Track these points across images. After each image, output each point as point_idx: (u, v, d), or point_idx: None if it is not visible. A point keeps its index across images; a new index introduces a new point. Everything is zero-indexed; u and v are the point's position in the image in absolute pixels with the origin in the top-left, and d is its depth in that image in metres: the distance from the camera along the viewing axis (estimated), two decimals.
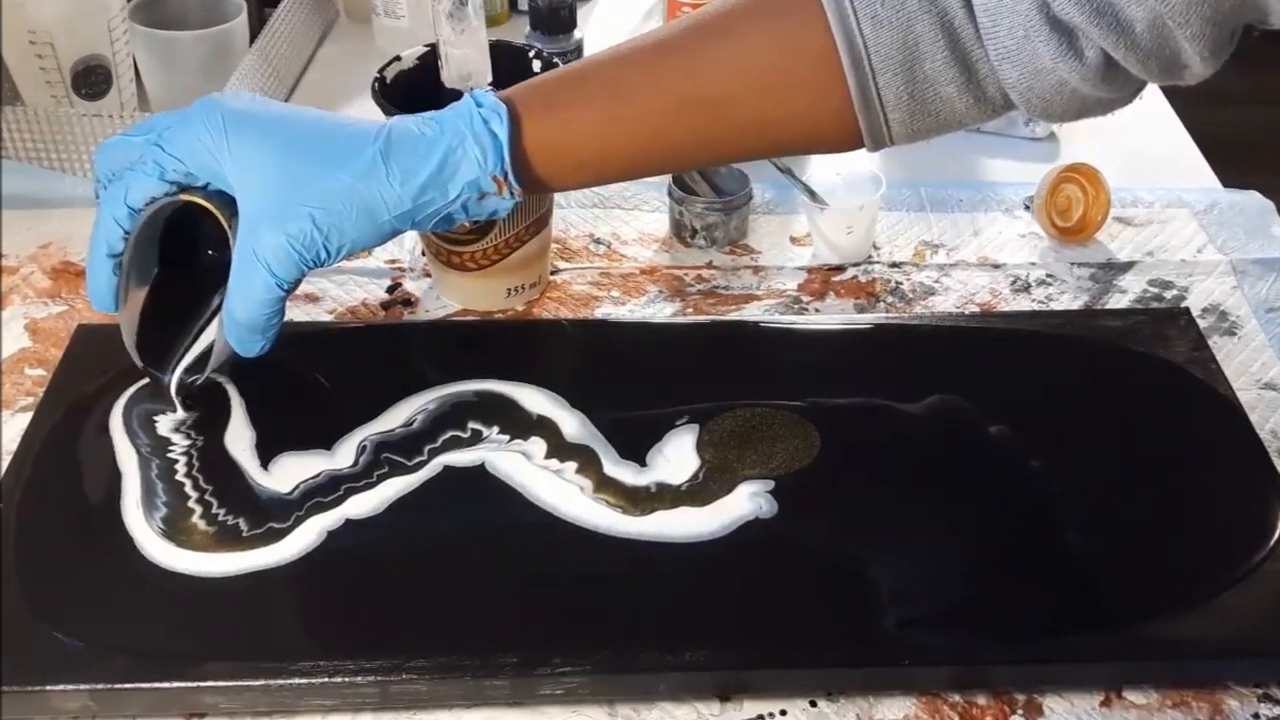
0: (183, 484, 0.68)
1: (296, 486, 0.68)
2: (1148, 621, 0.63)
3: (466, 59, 0.78)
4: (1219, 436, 0.73)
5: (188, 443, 0.70)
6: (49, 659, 0.59)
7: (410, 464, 0.69)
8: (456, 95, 0.78)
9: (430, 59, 0.81)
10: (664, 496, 0.68)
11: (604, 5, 1.24)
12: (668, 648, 0.61)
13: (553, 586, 0.64)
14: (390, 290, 0.86)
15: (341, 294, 0.85)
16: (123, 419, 0.72)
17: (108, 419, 0.72)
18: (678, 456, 0.70)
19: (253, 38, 1.03)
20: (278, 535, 0.65)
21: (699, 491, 0.68)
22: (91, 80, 0.93)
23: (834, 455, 0.70)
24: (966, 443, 0.72)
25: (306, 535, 0.65)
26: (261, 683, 0.59)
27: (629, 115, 0.66)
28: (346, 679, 0.59)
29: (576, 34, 1.02)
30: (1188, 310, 0.81)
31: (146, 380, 0.73)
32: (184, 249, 0.70)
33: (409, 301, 0.85)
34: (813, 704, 0.61)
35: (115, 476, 0.68)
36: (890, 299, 0.86)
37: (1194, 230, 0.92)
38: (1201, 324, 0.81)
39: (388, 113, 0.77)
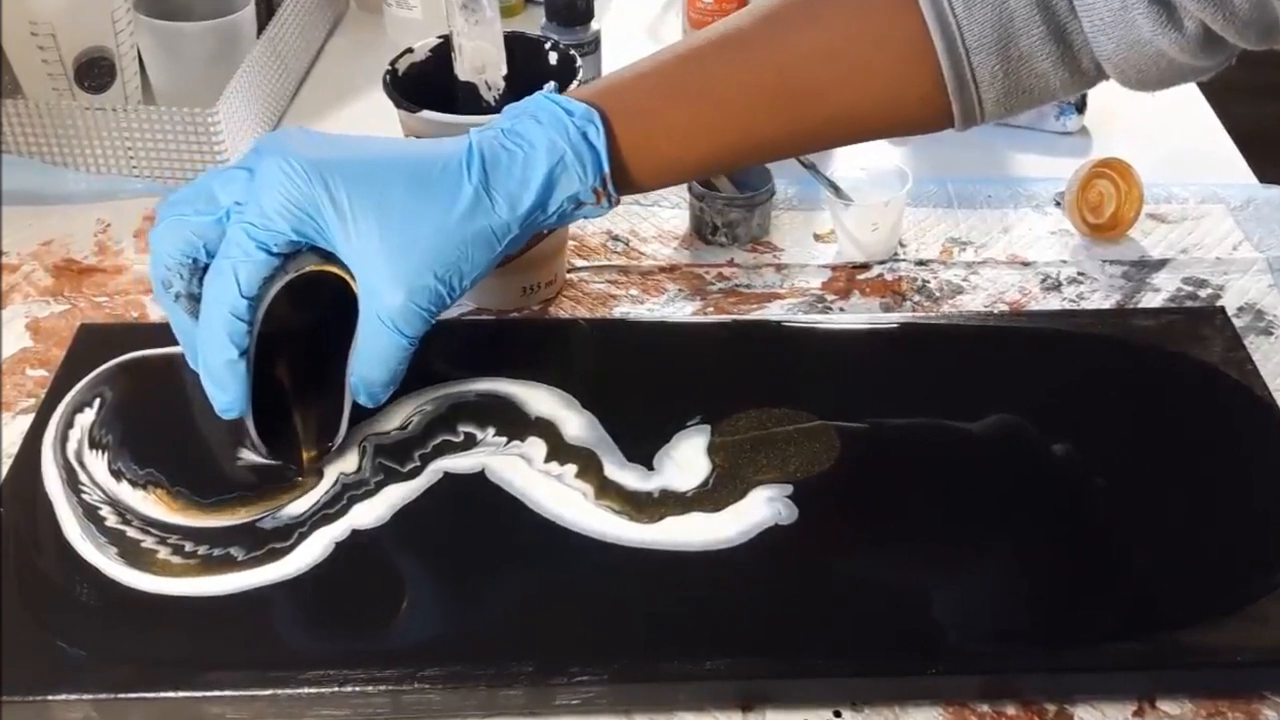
0: (122, 530, 0.65)
1: (311, 504, 0.66)
2: (1182, 629, 0.61)
3: (480, 51, 0.77)
4: (1256, 439, 0.72)
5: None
6: (51, 668, 0.58)
7: (404, 470, 0.68)
8: (470, 88, 0.77)
9: (443, 51, 0.80)
10: (669, 502, 0.66)
11: None
12: (688, 656, 0.60)
13: (568, 594, 0.63)
14: None
15: None
16: (53, 450, 0.69)
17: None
18: (687, 460, 0.69)
19: (260, 29, 1.03)
20: (280, 554, 0.64)
21: (707, 497, 0.67)
22: (95, 73, 0.93)
23: (855, 459, 0.69)
24: (993, 446, 0.70)
25: (314, 548, 0.64)
26: (269, 692, 0.58)
27: (716, 113, 0.66)
28: (357, 688, 0.58)
29: (594, 25, 1.01)
30: (1223, 309, 0.80)
31: (81, 397, 0.71)
32: None
33: None
34: (837, 714, 0.60)
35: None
36: (917, 298, 0.85)
37: (1229, 227, 0.91)
38: (1237, 323, 0.80)
39: (400, 106, 0.76)
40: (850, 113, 0.67)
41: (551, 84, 0.66)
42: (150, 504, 0.66)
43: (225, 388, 0.63)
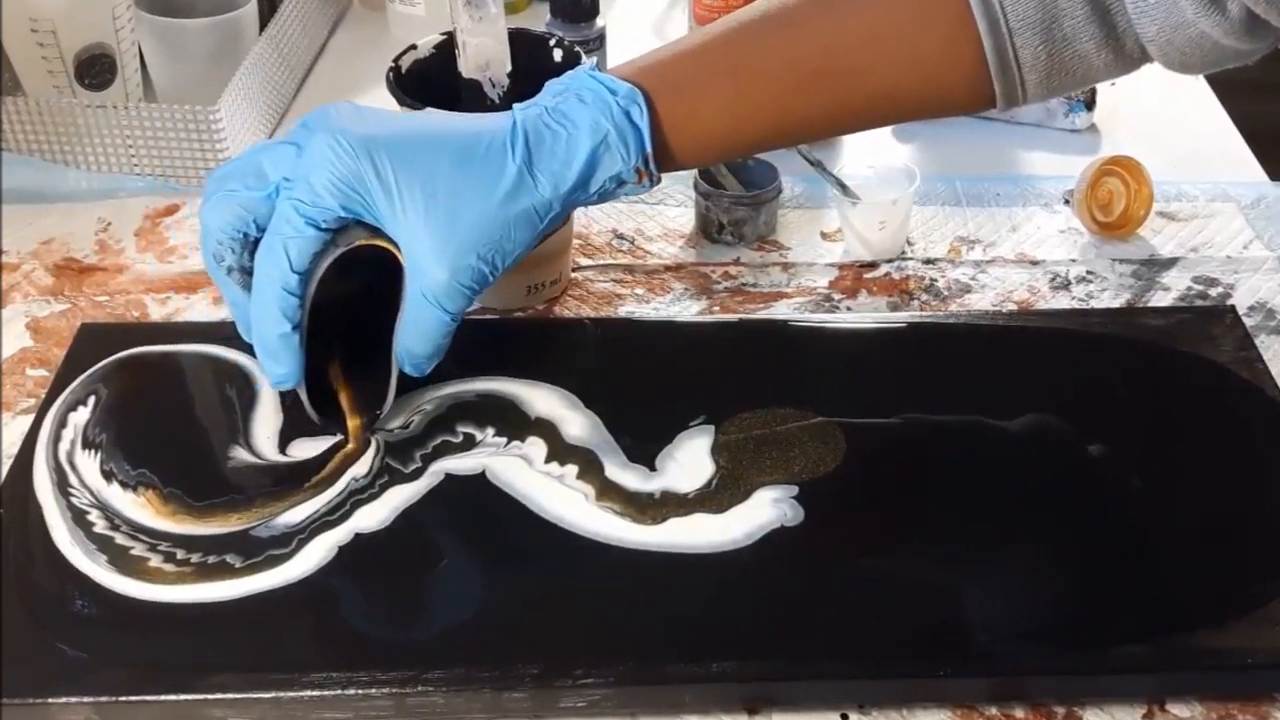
0: (111, 536, 0.64)
1: (310, 513, 0.66)
2: (1192, 631, 0.61)
3: (484, 48, 0.77)
4: (1266, 439, 0.71)
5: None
6: (51, 670, 0.58)
7: (407, 471, 0.68)
8: (474, 85, 0.77)
9: (447, 48, 0.79)
10: (671, 503, 0.66)
11: None
12: (694, 658, 0.59)
13: (572, 597, 0.62)
14: None
15: None
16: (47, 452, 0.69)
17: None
18: (690, 460, 0.68)
19: (262, 25, 1.02)
20: (280, 560, 0.63)
21: (711, 499, 0.66)
22: (95, 70, 0.92)
23: (861, 459, 0.69)
24: (1000, 445, 0.70)
25: (315, 552, 0.63)
26: (272, 695, 0.57)
27: (759, 93, 0.67)
28: (360, 691, 0.57)
29: (599, 21, 1.01)
30: (1233, 308, 0.80)
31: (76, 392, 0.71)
32: None
33: None
34: (844, 717, 0.60)
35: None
36: (925, 296, 0.84)
37: (1240, 225, 0.91)
38: (1248, 322, 0.79)
39: (403, 103, 0.75)
40: (893, 93, 0.68)
41: (593, 60, 0.66)
42: (139, 508, 0.65)
43: (280, 360, 0.64)
